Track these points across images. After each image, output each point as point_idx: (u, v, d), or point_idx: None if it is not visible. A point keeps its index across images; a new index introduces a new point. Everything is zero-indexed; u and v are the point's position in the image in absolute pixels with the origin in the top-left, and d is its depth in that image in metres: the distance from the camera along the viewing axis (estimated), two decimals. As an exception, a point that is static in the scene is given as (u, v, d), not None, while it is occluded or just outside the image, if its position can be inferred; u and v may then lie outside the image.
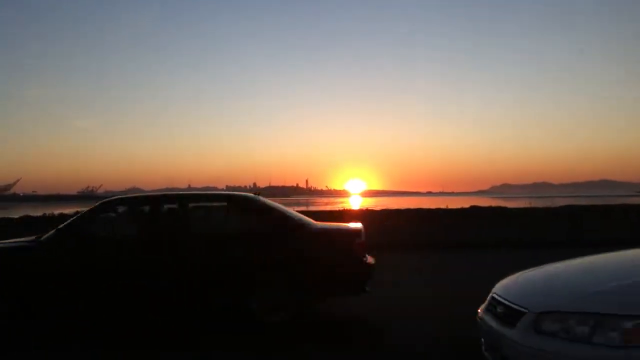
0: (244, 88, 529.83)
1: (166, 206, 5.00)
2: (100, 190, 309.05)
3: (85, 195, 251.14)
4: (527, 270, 2.85)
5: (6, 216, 14.30)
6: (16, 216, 12.92)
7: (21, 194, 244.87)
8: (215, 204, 5.54)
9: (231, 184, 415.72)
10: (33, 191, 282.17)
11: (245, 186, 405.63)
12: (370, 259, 4.71)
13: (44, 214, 13.28)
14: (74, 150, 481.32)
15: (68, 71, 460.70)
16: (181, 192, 5.11)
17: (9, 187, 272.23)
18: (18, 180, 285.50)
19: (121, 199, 5.33)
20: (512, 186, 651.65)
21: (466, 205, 13.14)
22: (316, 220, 5.21)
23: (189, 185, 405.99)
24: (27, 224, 11.24)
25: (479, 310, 2.70)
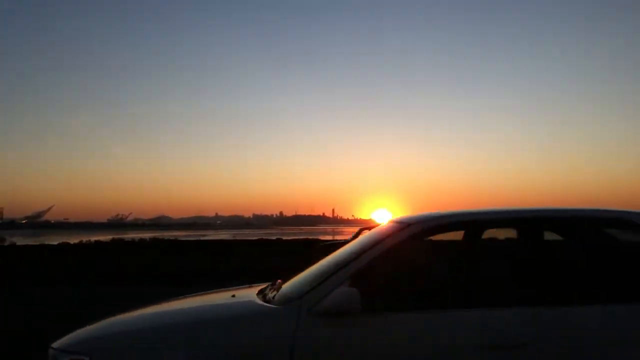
0: (271, 116, 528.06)
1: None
2: (130, 218, 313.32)
3: (115, 223, 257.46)
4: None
5: (44, 242, 16.99)
6: (55, 242, 15.90)
7: (52, 221, 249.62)
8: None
9: (258, 213, 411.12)
10: (65, 218, 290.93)
11: (272, 215, 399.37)
12: None
13: (81, 240, 18.18)
14: (104, 177, 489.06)
15: (102, 100, 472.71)
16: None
17: (42, 213, 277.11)
18: (51, 207, 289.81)
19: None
20: None
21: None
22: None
23: (217, 214, 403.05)
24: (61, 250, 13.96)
25: None
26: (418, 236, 2.25)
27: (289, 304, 2.06)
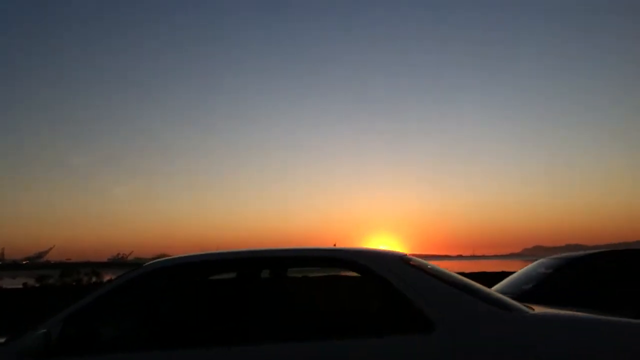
0: (270, 153, 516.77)
1: None
2: (131, 257, 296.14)
3: (115, 263, 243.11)
4: None
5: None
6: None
7: (52, 262, 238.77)
8: None
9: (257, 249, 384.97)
10: (67, 259, 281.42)
11: None
12: None
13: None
14: (105, 217, 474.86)
15: (103, 138, 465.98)
16: None
17: (43, 254, 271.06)
18: (51, 248, 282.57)
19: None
20: (545, 248, 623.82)
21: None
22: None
23: (217, 249, 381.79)
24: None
25: None
26: (146, 277, 2.38)
27: (13, 345, 2.16)
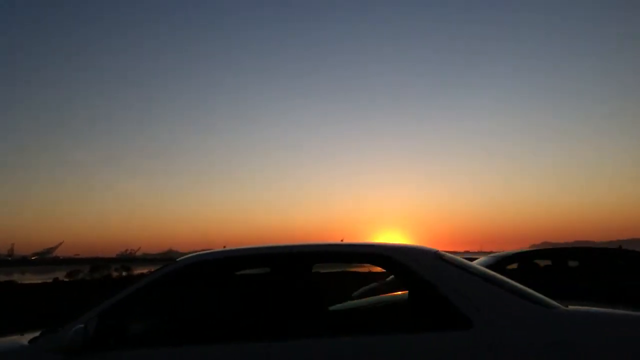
0: (279, 148, 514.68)
1: None
2: (139, 253, 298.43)
3: (124, 258, 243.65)
4: None
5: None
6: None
7: (61, 257, 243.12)
8: None
9: (266, 244, 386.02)
10: (76, 254, 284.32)
11: None
12: None
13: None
14: (113, 213, 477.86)
15: (108, 135, 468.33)
16: None
17: (51, 250, 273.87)
18: (60, 244, 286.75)
19: None
20: (553, 244, 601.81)
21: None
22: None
23: (224, 247, 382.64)
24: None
25: None
26: (181, 272, 2.39)
27: (41, 343, 2.20)
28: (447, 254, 2.48)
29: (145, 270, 29.74)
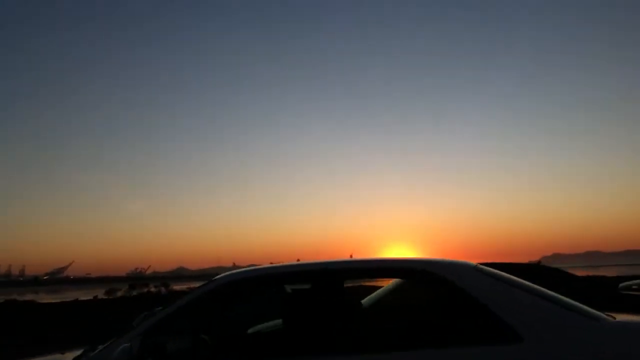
0: (287, 166, 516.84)
1: None
2: (149, 272, 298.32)
3: (134, 277, 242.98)
4: None
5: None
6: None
7: (72, 277, 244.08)
8: None
9: (275, 261, 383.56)
10: (87, 274, 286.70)
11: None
12: None
13: (95, 296, 21.22)
14: (123, 232, 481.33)
15: (118, 155, 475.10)
16: None
17: (62, 270, 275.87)
18: (71, 264, 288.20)
19: None
20: (563, 256, 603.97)
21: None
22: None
23: (234, 264, 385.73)
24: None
25: None
26: (219, 290, 2.38)
27: None
28: (486, 267, 2.40)
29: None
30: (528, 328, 2.01)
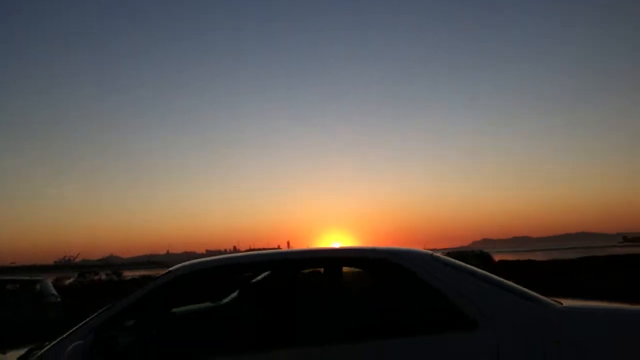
0: (221, 146, 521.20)
1: None
2: (78, 259, 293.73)
3: (62, 265, 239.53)
4: None
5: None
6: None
7: None
8: None
9: (211, 248, 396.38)
10: (12, 262, 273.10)
11: (226, 249, 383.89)
12: None
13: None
14: (48, 218, 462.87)
15: (41, 139, 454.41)
16: None
17: None
18: None
19: None
20: (493, 241, 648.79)
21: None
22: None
23: (168, 252, 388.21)
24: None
25: None
26: (176, 282, 2.30)
27: None
28: (442, 256, 2.47)
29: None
30: (483, 315, 2.06)
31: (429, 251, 2.49)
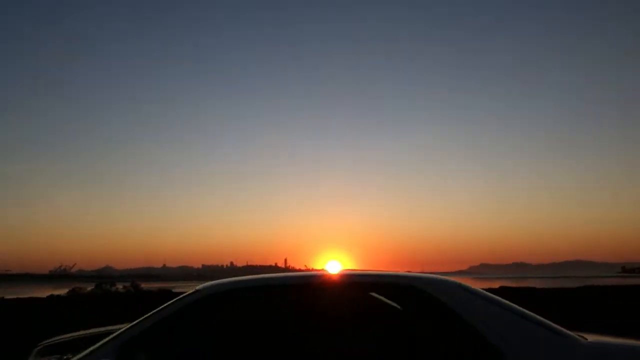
0: (218, 163, 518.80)
1: None
2: (74, 270, 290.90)
3: (57, 275, 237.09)
4: None
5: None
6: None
7: None
8: None
9: (207, 263, 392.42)
10: (6, 270, 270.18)
11: (222, 265, 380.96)
12: None
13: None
14: (46, 227, 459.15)
15: (43, 146, 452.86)
16: None
17: None
18: None
19: None
20: (491, 266, 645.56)
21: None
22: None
23: (164, 265, 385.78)
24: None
25: None
26: (204, 302, 2.27)
27: None
28: (469, 285, 2.46)
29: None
30: (510, 346, 2.06)
31: (456, 280, 2.52)
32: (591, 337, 2.32)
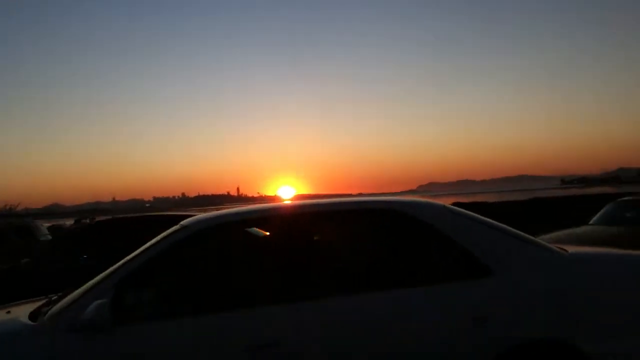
0: (169, 90, 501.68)
1: None
2: (20, 208, 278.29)
3: (4, 214, 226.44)
4: None
5: None
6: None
7: None
8: None
9: (158, 195, 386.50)
10: None
11: (174, 197, 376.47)
12: None
13: None
14: None
15: None
16: None
17: None
18: None
19: None
20: (438, 184, 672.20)
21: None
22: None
23: (114, 199, 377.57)
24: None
25: None
26: (193, 238, 2.27)
27: (47, 321, 2.01)
28: (454, 207, 2.54)
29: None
30: (497, 262, 2.15)
31: (441, 203, 2.57)
32: (571, 249, 2.46)
